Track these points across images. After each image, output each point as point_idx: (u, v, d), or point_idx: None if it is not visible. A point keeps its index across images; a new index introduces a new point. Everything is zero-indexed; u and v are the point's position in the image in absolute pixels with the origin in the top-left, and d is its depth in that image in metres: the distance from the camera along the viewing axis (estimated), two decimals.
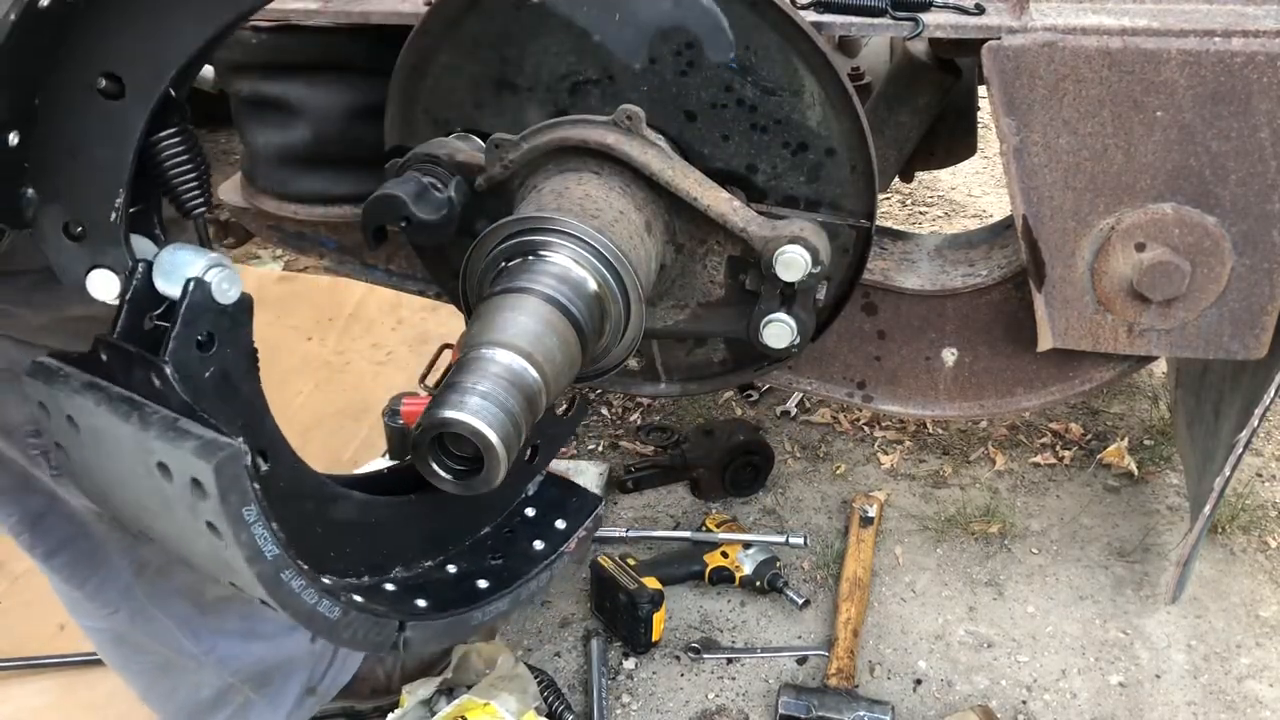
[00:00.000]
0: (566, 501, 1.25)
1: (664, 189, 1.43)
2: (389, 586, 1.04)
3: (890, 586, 2.22)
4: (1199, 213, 1.53)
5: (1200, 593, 2.17)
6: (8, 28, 0.72)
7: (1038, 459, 2.54)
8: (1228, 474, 1.71)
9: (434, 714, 1.85)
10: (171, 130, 0.92)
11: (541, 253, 1.30)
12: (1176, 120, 1.48)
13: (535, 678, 1.90)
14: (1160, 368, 2.77)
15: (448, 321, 2.89)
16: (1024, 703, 1.97)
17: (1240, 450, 1.67)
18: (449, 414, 1.09)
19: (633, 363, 1.74)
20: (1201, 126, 1.47)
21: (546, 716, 1.88)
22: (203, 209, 0.96)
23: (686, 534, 2.31)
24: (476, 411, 1.09)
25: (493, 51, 1.48)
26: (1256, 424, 1.64)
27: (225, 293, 0.93)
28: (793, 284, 1.45)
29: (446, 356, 2.69)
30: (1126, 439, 2.54)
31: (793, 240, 1.42)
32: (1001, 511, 2.38)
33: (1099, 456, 2.51)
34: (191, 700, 1.66)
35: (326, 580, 1.06)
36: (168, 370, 0.92)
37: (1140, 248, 1.56)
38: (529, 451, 1.18)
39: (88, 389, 0.93)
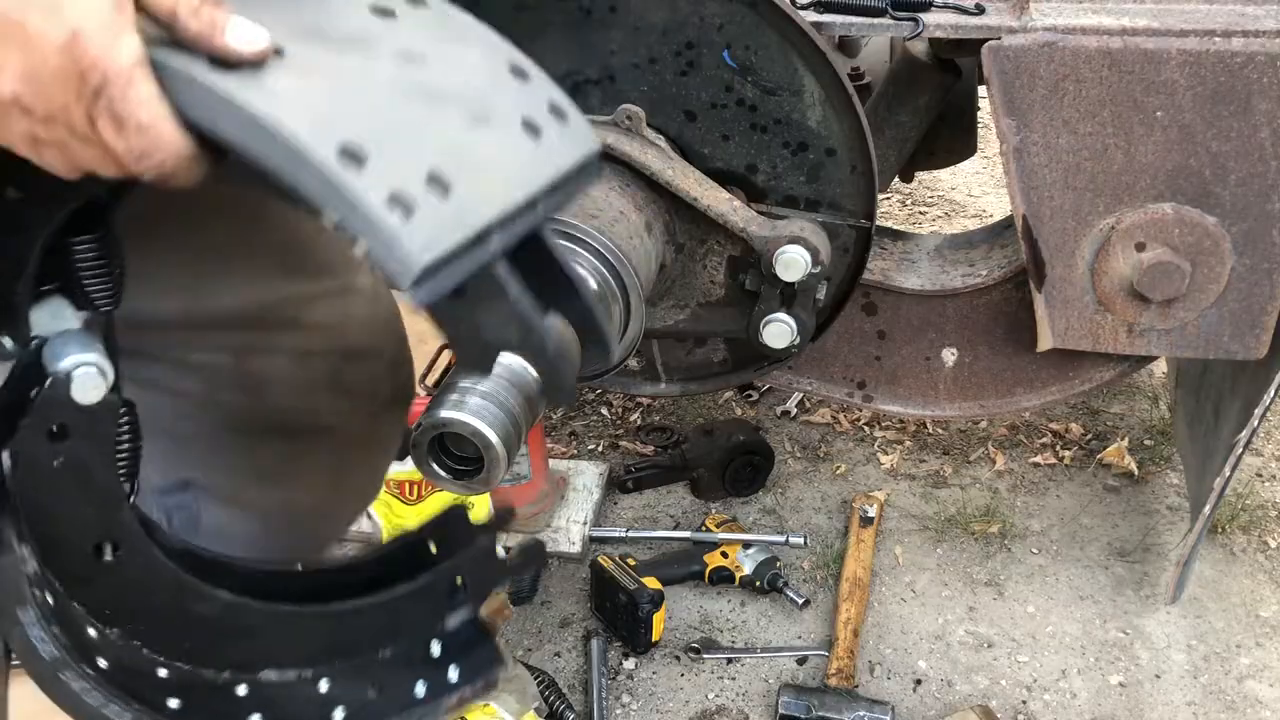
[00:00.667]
0: (475, 651, 1.12)
1: (664, 189, 1.43)
2: (240, 690, 0.98)
3: (890, 586, 2.22)
4: (1199, 213, 1.53)
5: (1200, 593, 2.16)
6: None
7: (1038, 459, 2.54)
8: (1228, 474, 1.71)
9: None
10: (85, 237, 0.93)
11: None
12: (1176, 120, 1.48)
13: (535, 678, 1.90)
14: (1160, 368, 2.77)
15: None
16: (1024, 703, 1.97)
17: (1240, 450, 1.67)
18: (449, 414, 1.09)
19: (633, 363, 1.74)
20: (1201, 126, 1.47)
21: (546, 716, 1.88)
22: (107, 309, 0.96)
23: (686, 534, 2.30)
24: (476, 411, 1.10)
25: None
26: (1256, 424, 1.64)
27: (85, 393, 0.94)
28: (793, 284, 1.45)
29: (446, 356, 2.69)
30: (1126, 439, 2.54)
31: (793, 240, 1.42)
32: (1001, 511, 2.38)
33: (1099, 456, 2.51)
34: None
35: (163, 672, 1.06)
36: (3, 458, 0.93)
37: (1140, 248, 1.56)
38: (458, 582, 1.09)
39: None
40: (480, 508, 2.30)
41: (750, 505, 2.43)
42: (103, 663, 1.05)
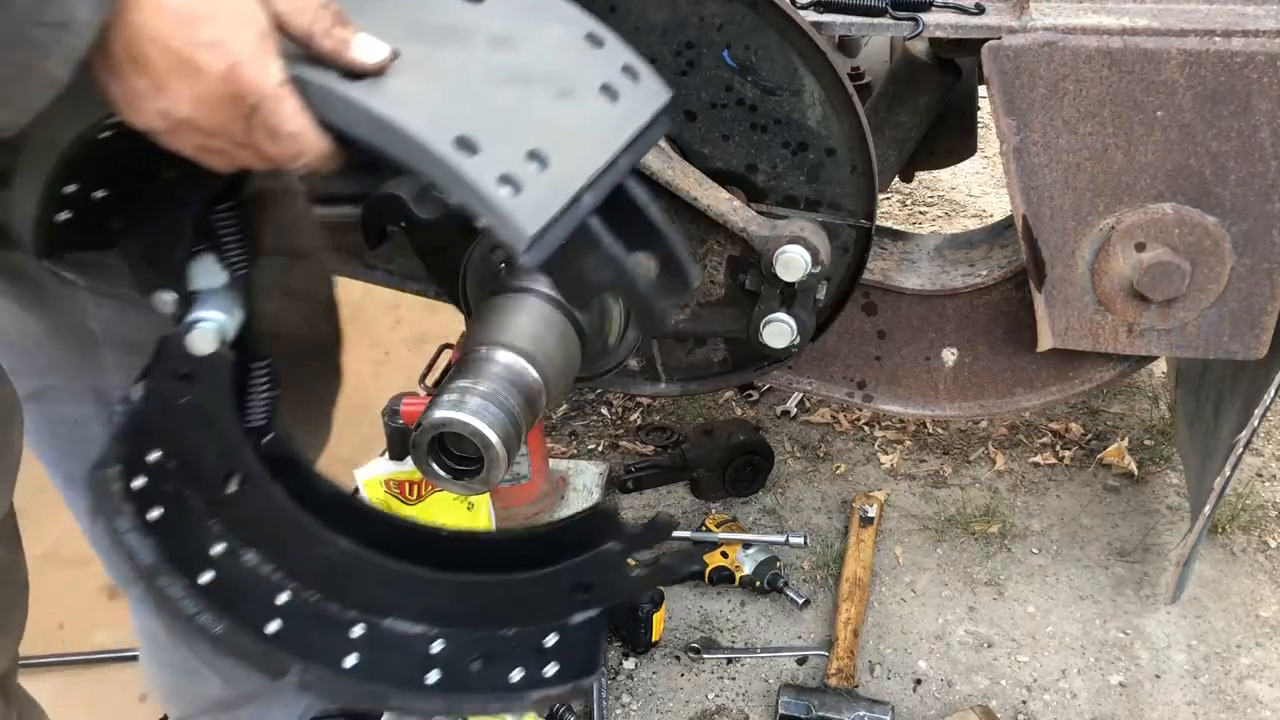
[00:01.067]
0: (581, 654, 1.20)
1: (664, 189, 1.43)
2: (356, 630, 1.05)
3: (890, 586, 2.22)
4: (1199, 213, 1.53)
5: (1200, 593, 2.16)
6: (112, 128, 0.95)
7: (1038, 459, 2.54)
8: (1228, 474, 1.71)
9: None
10: (225, 206, 1.11)
11: None
12: (1176, 120, 1.48)
13: None
14: (1160, 368, 2.77)
15: (447, 321, 2.89)
16: (1024, 703, 1.97)
17: (1240, 450, 1.67)
18: (449, 414, 1.09)
19: (633, 363, 1.74)
20: (1201, 126, 1.47)
21: (547, 716, 1.88)
22: (243, 271, 1.14)
23: (686, 534, 2.30)
24: (476, 411, 1.10)
25: None
26: (1256, 424, 1.64)
27: (196, 345, 1.10)
28: (793, 284, 1.45)
29: (446, 356, 2.69)
30: (1126, 439, 2.54)
31: (793, 240, 1.42)
32: (1001, 511, 2.38)
33: (1099, 456, 2.51)
34: (214, 699, 1.68)
35: (281, 598, 1.19)
36: (133, 392, 1.12)
37: (1140, 248, 1.56)
38: (586, 587, 1.18)
39: None
40: (480, 507, 2.30)
41: (750, 505, 2.43)
42: (206, 578, 1.18)
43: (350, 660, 1.18)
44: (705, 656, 2.05)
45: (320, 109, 0.87)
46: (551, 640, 1.20)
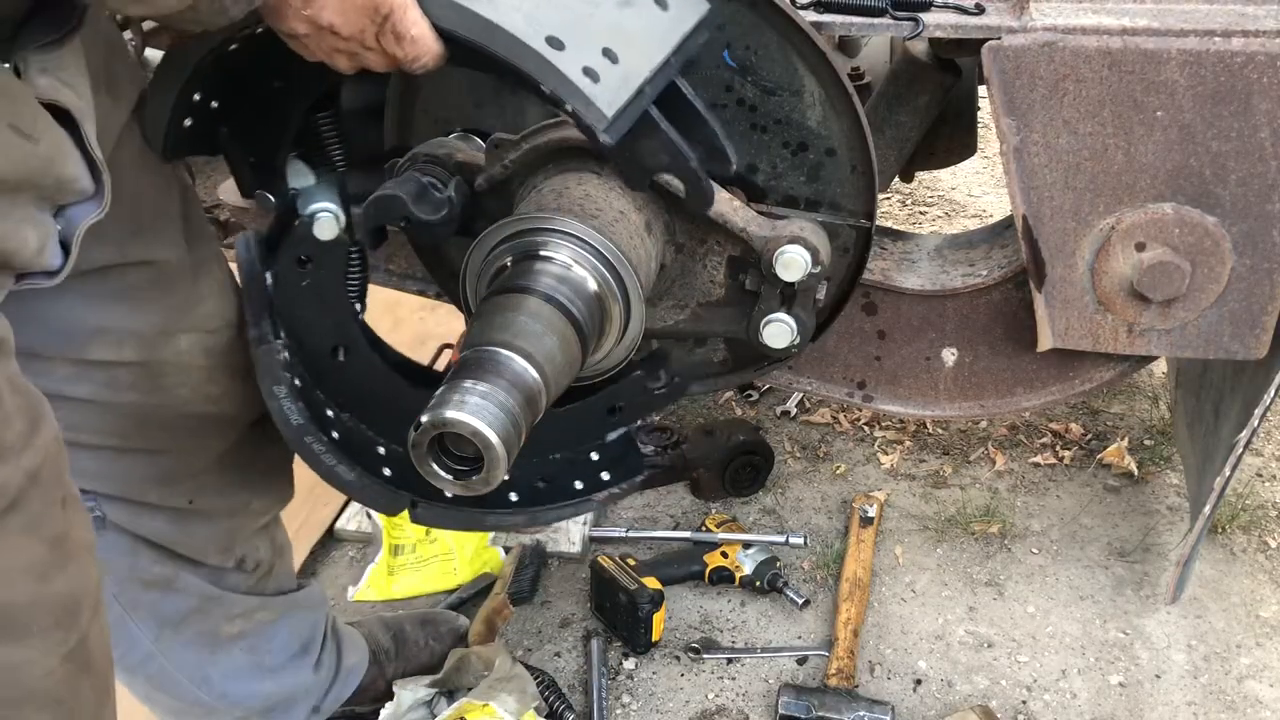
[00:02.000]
0: (624, 459, 1.44)
1: (664, 188, 1.43)
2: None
3: (890, 586, 2.22)
4: (1199, 213, 1.53)
5: (1200, 593, 2.16)
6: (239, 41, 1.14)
7: (1038, 459, 2.54)
8: (1228, 474, 1.71)
9: (434, 716, 1.85)
10: (324, 114, 1.30)
11: (542, 253, 1.30)
12: (1176, 120, 1.48)
13: (535, 678, 1.90)
14: (1160, 368, 2.77)
15: (447, 321, 2.89)
16: (1024, 703, 1.97)
17: (1240, 450, 1.67)
18: (449, 414, 1.09)
19: None
20: (1201, 126, 1.47)
21: (547, 716, 1.88)
22: (341, 168, 1.32)
23: (686, 534, 2.30)
24: (476, 411, 1.10)
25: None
26: (1256, 424, 1.64)
27: (319, 231, 1.29)
28: (793, 284, 1.45)
29: (446, 356, 2.69)
30: (1126, 439, 2.54)
31: (793, 240, 1.42)
32: (1001, 511, 2.38)
33: (1099, 456, 2.51)
34: None
35: (381, 449, 1.42)
36: (266, 279, 1.32)
37: (1140, 248, 1.56)
38: (616, 409, 1.41)
39: None
40: None
41: (750, 505, 2.44)
42: (335, 434, 1.40)
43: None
44: (705, 656, 2.05)
45: (437, 16, 1.03)
46: (595, 455, 1.44)
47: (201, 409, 1.35)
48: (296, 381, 1.34)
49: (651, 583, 2.06)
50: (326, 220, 1.29)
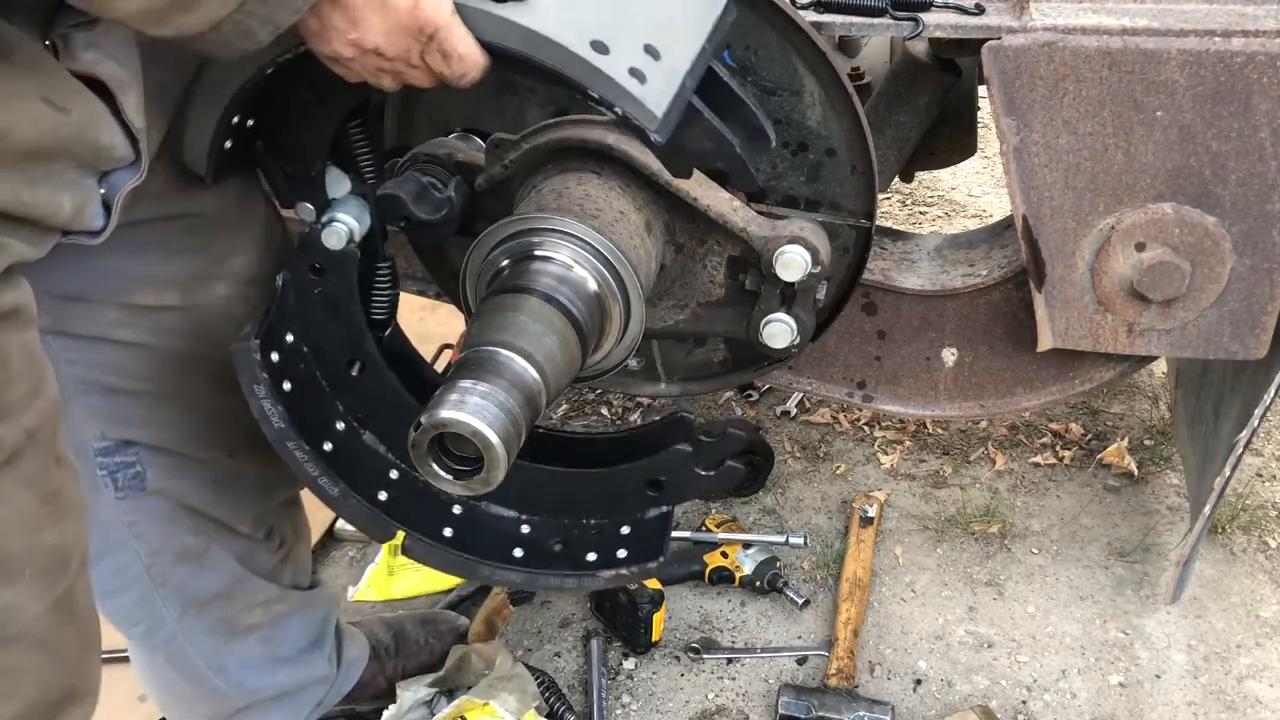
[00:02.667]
0: (648, 542, 1.39)
1: (664, 189, 1.43)
2: (456, 508, 1.16)
3: (890, 586, 2.22)
4: (1199, 213, 1.53)
5: (1200, 593, 2.16)
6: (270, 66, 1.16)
7: (1038, 459, 2.54)
8: (1228, 474, 1.71)
9: (434, 715, 1.85)
10: (356, 124, 1.30)
11: (542, 253, 1.30)
12: (1176, 120, 1.48)
13: (535, 678, 1.90)
14: (1160, 368, 2.77)
15: (447, 321, 2.89)
16: (1024, 703, 1.97)
17: (1240, 450, 1.67)
18: (448, 414, 1.09)
19: (633, 363, 1.73)
20: (1201, 126, 1.47)
21: (547, 716, 1.88)
22: (371, 179, 1.34)
23: (686, 534, 2.30)
24: (476, 411, 1.09)
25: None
26: (1256, 424, 1.64)
27: (329, 241, 1.30)
28: (793, 284, 1.45)
29: (446, 356, 2.69)
30: (1126, 439, 2.54)
31: (793, 240, 1.42)
32: (1001, 511, 2.38)
33: (1099, 456, 2.51)
34: (211, 716, 1.69)
35: (394, 475, 1.41)
36: (277, 281, 1.33)
37: (1140, 248, 1.56)
38: (658, 484, 1.37)
39: None
40: None
41: (750, 505, 2.44)
42: (328, 447, 1.38)
43: (448, 532, 1.34)
44: (705, 656, 2.05)
45: (480, 30, 1.03)
46: (625, 530, 1.39)
47: None
48: (285, 385, 1.33)
49: (651, 583, 2.06)
50: (337, 230, 1.30)
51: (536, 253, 1.30)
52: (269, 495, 1.56)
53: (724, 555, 2.19)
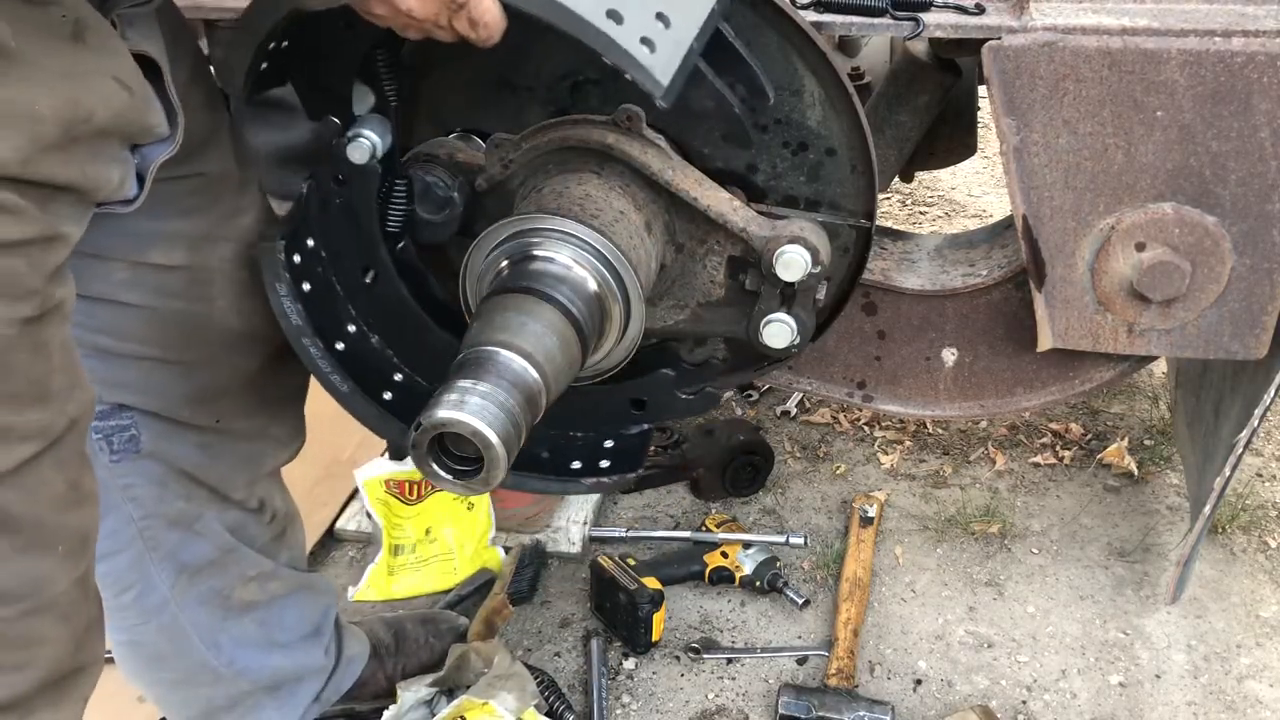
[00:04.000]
0: (628, 453, 1.49)
1: (664, 189, 1.43)
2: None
3: (890, 586, 2.22)
4: (1199, 213, 1.53)
5: (1200, 593, 2.16)
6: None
7: (1038, 459, 2.54)
8: (1228, 474, 1.71)
9: (434, 714, 1.85)
10: (382, 49, 1.36)
11: (542, 253, 1.30)
12: (1176, 120, 1.48)
13: (535, 677, 1.90)
14: (1160, 368, 2.77)
15: None
16: (1024, 703, 1.97)
17: (1240, 450, 1.67)
18: (448, 414, 1.09)
19: None
20: (1201, 126, 1.48)
21: (546, 715, 1.88)
22: (392, 101, 1.41)
23: (686, 534, 2.30)
24: (476, 411, 1.10)
25: (493, 52, 1.47)
26: (1256, 424, 1.64)
27: (352, 154, 1.36)
28: (793, 284, 1.45)
29: None
30: (1126, 439, 2.54)
31: (793, 240, 1.42)
32: (1001, 511, 2.38)
33: (1099, 456, 2.51)
34: (205, 708, 1.68)
35: (398, 376, 1.51)
36: (303, 187, 1.42)
37: (1140, 248, 1.56)
38: (641, 404, 1.46)
39: None
40: (480, 507, 2.29)
41: (750, 505, 2.44)
42: (340, 346, 1.46)
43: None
44: (705, 656, 2.05)
45: None
46: (609, 444, 1.49)
47: (236, 324, 1.43)
48: (305, 286, 1.41)
49: (651, 583, 2.06)
50: (361, 145, 1.36)
51: (537, 253, 1.30)
52: (257, 464, 1.59)
53: (724, 555, 2.19)
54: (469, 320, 1.33)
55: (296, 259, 1.40)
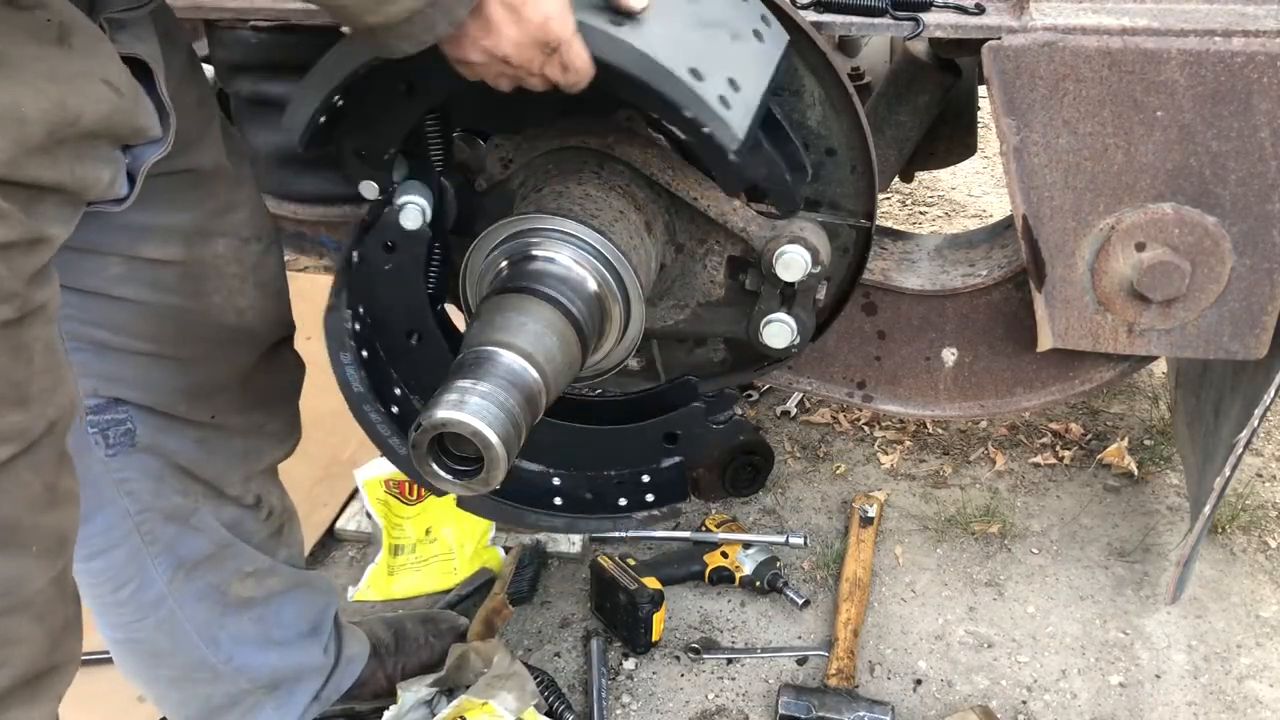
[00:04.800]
0: (671, 486, 1.50)
1: (664, 188, 1.43)
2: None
3: (890, 586, 2.22)
4: (1199, 213, 1.53)
5: (1200, 593, 2.16)
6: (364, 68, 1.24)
7: (1038, 459, 2.54)
8: (1228, 474, 1.71)
9: (434, 714, 1.85)
10: (433, 116, 1.38)
11: (542, 253, 1.30)
12: (1176, 120, 1.48)
13: (535, 677, 1.90)
14: (1160, 368, 2.77)
15: None
16: (1024, 703, 1.97)
17: (1240, 450, 1.67)
18: (448, 414, 1.09)
19: (633, 363, 1.73)
20: (1201, 126, 1.47)
21: (546, 715, 1.88)
22: (439, 169, 1.42)
23: (686, 534, 2.30)
24: (476, 412, 1.10)
25: None
26: (1256, 424, 1.64)
27: (404, 221, 1.39)
28: (793, 284, 1.45)
29: None
30: (1126, 439, 2.54)
31: (793, 240, 1.42)
32: (1001, 511, 2.38)
33: (1099, 456, 2.51)
34: (204, 707, 1.68)
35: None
36: (354, 255, 1.43)
37: (1140, 248, 1.56)
38: (673, 438, 1.48)
39: None
40: None
41: (750, 505, 2.44)
42: (395, 409, 1.49)
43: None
44: (705, 656, 2.05)
45: (596, 48, 1.14)
46: (646, 479, 1.51)
47: (232, 320, 1.43)
48: (364, 353, 1.44)
49: (651, 583, 2.06)
50: (413, 211, 1.37)
51: (536, 253, 1.30)
52: (252, 460, 1.59)
53: (724, 555, 2.19)
54: (468, 320, 1.33)
55: (356, 326, 1.43)
